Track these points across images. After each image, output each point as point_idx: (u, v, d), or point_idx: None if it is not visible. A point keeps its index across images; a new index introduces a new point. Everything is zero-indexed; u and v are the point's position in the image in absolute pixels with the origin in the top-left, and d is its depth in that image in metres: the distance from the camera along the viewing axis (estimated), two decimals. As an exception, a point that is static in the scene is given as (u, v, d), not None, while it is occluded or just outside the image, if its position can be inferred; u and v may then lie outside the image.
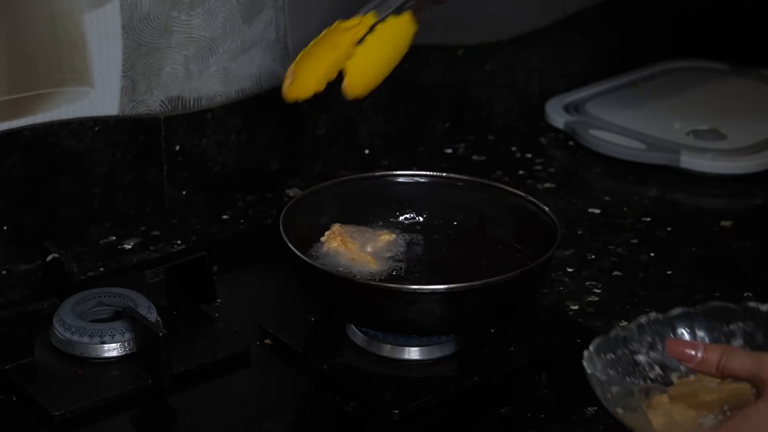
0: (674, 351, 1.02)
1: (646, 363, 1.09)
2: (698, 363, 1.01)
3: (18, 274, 1.35)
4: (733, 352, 1.00)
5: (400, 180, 1.33)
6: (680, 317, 1.11)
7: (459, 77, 1.67)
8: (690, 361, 1.01)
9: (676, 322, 1.10)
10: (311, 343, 1.15)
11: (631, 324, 1.09)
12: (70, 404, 1.12)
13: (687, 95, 1.77)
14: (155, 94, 1.43)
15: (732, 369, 0.99)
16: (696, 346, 1.01)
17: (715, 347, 1.01)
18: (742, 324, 1.10)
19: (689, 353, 1.01)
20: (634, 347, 1.08)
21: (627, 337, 1.08)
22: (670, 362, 1.09)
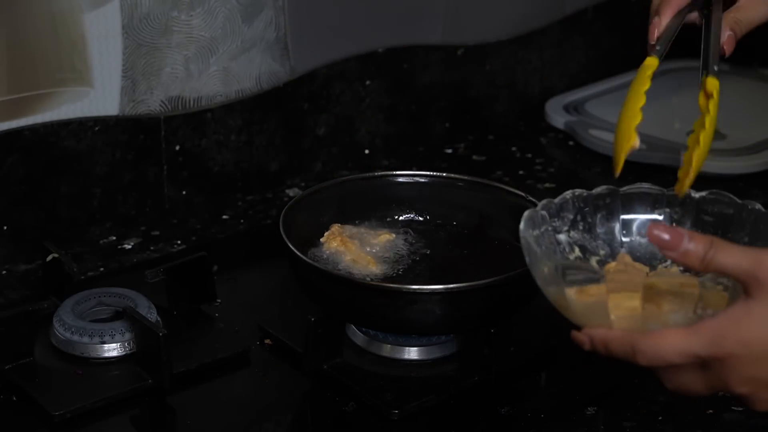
0: (656, 238, 0.90)
1: (567, 243, 1.04)
2: (682, 254, 0.89)
3: (18, 274, 1.35)
4: (722, 245, 0.89)
5: (400, 180, 1.33)
6: (606, 195, 1.06)
7: (459, 77, 1.67)
8: (673, 250, 0.89)
9: (600, 201, 1.05)
10: (311, 343, 1.15)
11: (555, 199, 1.04)
12: (70, 404, 1.12)
13: (687, 95, 1.76)
14: (155, 94, 1.43)
15: (721, 264, 0.88)
16: (680, 235, 0.89)
17: (700, 237, 0.89)
18: (669, 209, 1.07)
19: (673, 241, 0.89)
20: (557, 224, 1.03)
21: (550, 212, 1.03)
22: (591, 245, 1.05)
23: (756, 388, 0.89)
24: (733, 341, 0.87)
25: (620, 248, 1.06)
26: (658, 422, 1.12)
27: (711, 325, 0.88)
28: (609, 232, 1.07)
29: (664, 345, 0.88)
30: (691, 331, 0.88)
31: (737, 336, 0.87)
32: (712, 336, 0.87)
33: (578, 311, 0.94)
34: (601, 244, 1.06)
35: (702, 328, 0.88)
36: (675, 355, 0.88)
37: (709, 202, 1.06)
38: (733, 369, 0.88)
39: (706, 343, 0.88)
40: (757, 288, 0.87)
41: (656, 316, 0.91)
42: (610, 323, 0.92)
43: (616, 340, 0.91)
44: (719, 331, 0.87)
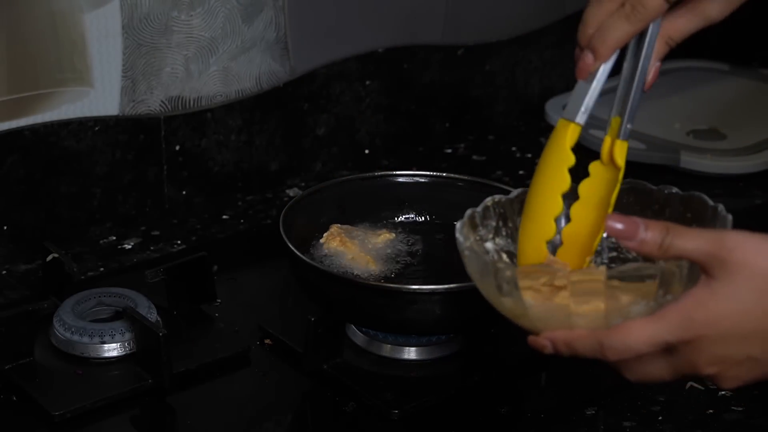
0: (611, 229, 0.89)
1: (494, 251, 1.02)
2: (639, 243, 0.89)
3: (18, 274, 1.35)
4: (679, 229, 0.89)
5: (400, 180, 1.33)
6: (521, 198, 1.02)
7: (459, 77, 1.67)
8: (630, 240, 0.89)
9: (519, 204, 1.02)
10: (311, 343, 1.15)
11: (477, 207, 1.02)
12: (70, 404, 1.12)
13: (687, 95, 1.77)
14: (155, 94, 1.43)
15: (681, 248, 0.88)
16: (636, 224, 0.89)
17: (656, 224, 0.89)
18: None
19: (629, 231, 0.89)
20: (482, 233, 1.02)
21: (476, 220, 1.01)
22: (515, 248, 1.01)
23: (724, 367, 0.88)
24: (700, 322, 0.87)
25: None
26: (658, 422, 1.12)
27: (676, 309, 0.88)
28: None
29: (632, 336, 0.88)
30: (657, 317, 0.88)
31: (704, 317, 0.87)
32: (679, 320, 0.87)
33: (536, 316, 0.92)
34: None
35: (667, 314, 0.88)
36: (644, 344, 0.88)
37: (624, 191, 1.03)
38: (701, 350, 0.88)
39: (673, 327, 0.87)
40: (720, 268, 0.87)
41: (617, 310, 0.90)
42: (571, 324, 0.90)
43: (581, 339, 0.90)
44: (685, 314, 0.87)
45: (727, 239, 0.87)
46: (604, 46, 0.97)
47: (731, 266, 0.87)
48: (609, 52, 0.97)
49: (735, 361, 0.88)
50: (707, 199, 1.00)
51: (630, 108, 1.00)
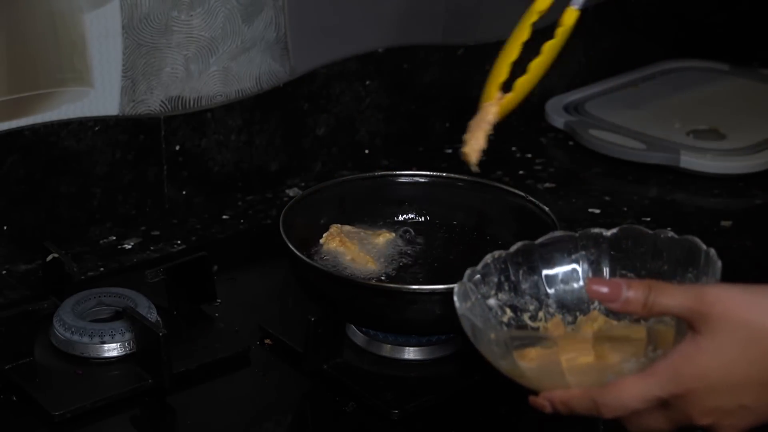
0: (595, 293, 0.92)
1: (498, 307, 1.05)
2: (623, 303, 0.91)
3: (18, 274, 1.35)
4: (661, 287, 0.91)
5: (400, 180, 1.33)
6: (522, 251, 1.07)
7: (459, 77, 1.67)
8: (614, 301, 0.91)
9: (518, 257, 1.07)
10: (311, 343, 1.15)
11: (478, 266, 1.05)
12: (70, 404, 1.12)
13: (687, 95, 1.77)
14: (155, 94, 1.43)
15: (664, 305, 0.91)
16: (618, 286, 0.91)
17: (638, 284, 0.91)
18: (584, 252, 1.08)
19: (612, 293, 0.91)
20: (484, 290, 1.05)
21: (477, 280, 1.04)
22: (519, 302, 1.06)
23: (718, 417, 0.91)
24: (690, 376, 0.90)
25: (547, 299, 1.08)
26: (658, 422, 1.12)
27: (665, 364, 0.90)
28: (533, 286, 1.08)
29: (625, 393, 0.91)
30: (648, 374, 0.91)
31: (692, 371, 0.90)
32: (669, 375, 0.90)
33: (533, 377, 0.95)
34: (528, 299, 1.08)
35: (657, 370, 0.91)
36: (637, 401, 0.91)
37: (622, 237, 1.07)
38: (694, 403, 0.90)
39: (664, 383, 0.90)
40: (703, 323, 0.89)
41: (610, 367, 0.93)
42: (566, 383, 0.94)
43: (576, 399, 0.93)
44: (674, 369, 0.90)
45: (707, 294, 0.90)
46: None
47: (713, 320, 0.89)
48: None
49: (728, 411, 0.91)
50: (700, 243, 1.03)
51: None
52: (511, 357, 0.95)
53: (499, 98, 1.11)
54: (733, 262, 1.38)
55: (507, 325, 1.05)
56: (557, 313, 1.08)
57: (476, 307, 1.02)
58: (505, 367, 0.97)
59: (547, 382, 0.95)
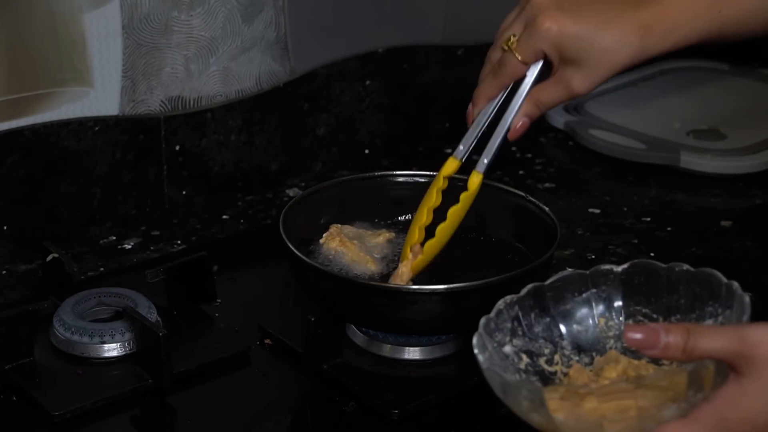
0: (633, 341, 0.89)
1: (514, 353, 1.03)
2: (663, 349, 0.88)
3: (18, 274, 1.35)
4: (700, 330, 0.89)
5: (399, 180, 1.33)
6: (532, 294, 1.05)
7: (459, 77, 1.67)
8: (653, 348, 0.89)
9: (529, 300, 1.05)
10: (311, 343, 1.15)
11: (490, 314, 1.03)
12: (70, 404, 1.12)
13: (687, 95, 1.77)
14: (155, 94, 1.43)
15: (706, 349, 0.88)
16: (656, 332, 0.88)
17: (676, 328, 0.89)
18: (595, 290, 1.06)
19: (651, 341, 0.88)
20: (499, 338, 1.03)
21: (491, 328, 1.02)
22: (534, 347, 1.04)
23: None
24: (735, 420, 0.88)
25: (561, 341, 1.06)
26: (658, 422, 1.12)
27: (709, 409, 0.88)
28: (546, 329, 1.06)
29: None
30: (692, 420, 0.88)
31: (738, 415, 0.87)
32: (714, 421, 0.88)
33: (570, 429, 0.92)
34: (543, 343, 1.05)
35: (701, 415, 0.88)
36: None
37: (633, 273, 1.06)
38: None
39: (708, 428, 0.88)
40: (746, 365, 0.87)
41: (649, 415, 0.91)
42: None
43: None
44: (719, 414, 0.88)
45: (749, 335, 0.88)
46: (479, 97, 1.17)
47: (758, 362, 0.87)
48: (483, 102, 1.17)
49: None
50: (720, 276, 1.00)
51: (489, 147, 1.17)
52: (545, 410, 0.92)
53: (412, 258, 1.17)
54: (733, 262, 1.39)
55: (524, 371, 1.03)
56: (573, 356, 1.06)
57: (494, 356, 1.00)
58: (537, 421, 0.93)
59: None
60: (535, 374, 1.03)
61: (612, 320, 1.07)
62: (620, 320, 1.06)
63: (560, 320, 1.07)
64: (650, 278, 1.05)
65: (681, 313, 1.03)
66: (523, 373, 1.03)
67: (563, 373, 1.05)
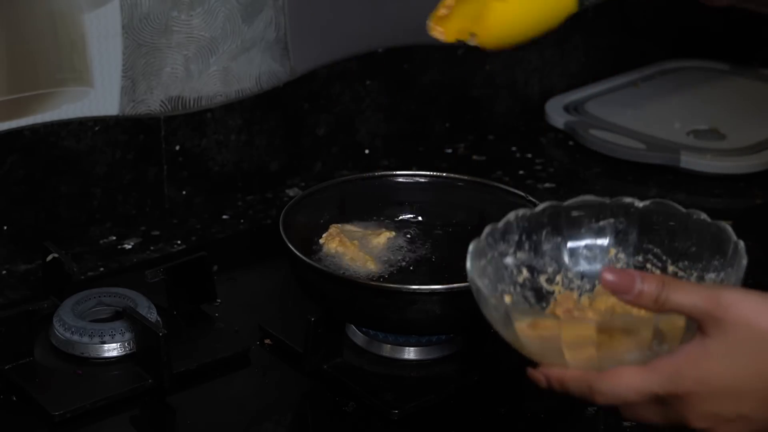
0: (608, 283, 0.89)
1: (515, 266, 1.02)
2: (635, 296, 0.89)
3: (18, 274, 1.35)
4: (676, 284, 0.89)
5: (400, 180, 1.33)
6: (549, 212, 1.04)
7: (459, 77, 1.67)
8: (627, 293, 0.89)
9: (544, 218, 1.04)
10: (311, 343, 1.15)
11: (499, 223, 1.02)
12: (70, 404, 1.12)
13: (687, 95, 1.77)
14: (155, 94, 1.43)
15: (678, 303, 0.88)
16: (632, 277, 0.89)
17: (653, 278, 0.89)
18: (613, 220, 1.05)
19: (626, 285, 0.89)
20: (502, 248, 1.02)
21: (495, 236, 1.01)
22: (538, 264, 1.03)
23: (715, 423, 0.89)
24: (690, 379, 0.87)
25: (566, 263, 1.05)
26: (658, 422, 1.12)
27: (667, 363, 0.88)
28: (555, 248, 1.05)
29: (621, 384, 0.89)
30: (648, 369, 0.88)
31: (694, 374, 0.87)
32: (669, 374, 0.88)
33: (533, 350, 0.93)
34: (548, 261, 1.05)
35: (658, 366, 0.88)
36: (632, 393, 0.89)
37: (653, 211, 1.05)
38: (691, 406, 0.88)
39: (663, 381, 0.88)
40: (714, 326, 0.87)
41: (612, 355, 0.90)
42: (566, 363, 0.91)
43: (572, 380, 0.91)
44: (676, 370, 0.88)
45: (723, 297, 0.87)
46: None
47: (726, 325, 0.87)
48: None
49: (726, 418, 0.88)
50: (731, 232, 1.00)
51: None
52: (513, 328, 0.92)
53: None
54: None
55: (522, 285, 1.02)
56: (575, 279, 1.05)
57: (491, 265, 1.00)
58: (507, 336, 0.94)
59: (547, 357, 0.92)
60: (532, 290, 1.03)
61: (621, 253, 1.06)
62: (630, 254, 1.05)
63: (571, 243, 1.05)
64: (668, 219, 1.04)
65: (689, 260, 1.02)
66: (519, 286, 1.02)
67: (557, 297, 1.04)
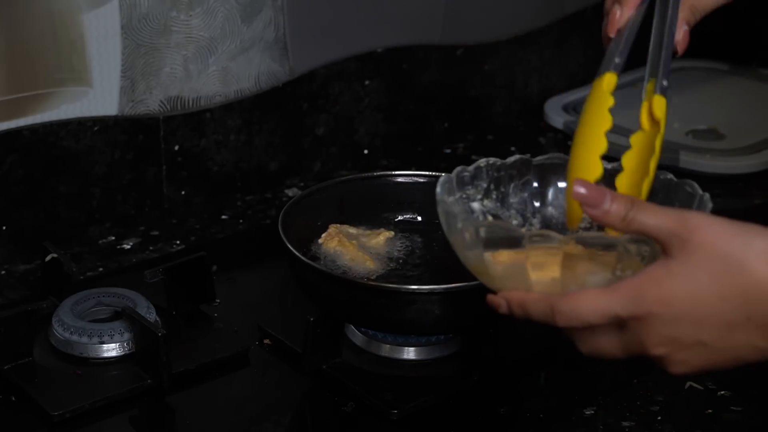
0: (578, 194, 0.89)
1: (480, 212, 1.02)
2: (603, 213, 0.88)
3: (17, 274, 1.35)
4: (644, 205, 0.88)
5: (399, 180, 1.33)
6: (519, 165, 1.04)
7: (458, 77, 1.67)
8: (595, 208, 0.88)
9: (514, 170, 1.04)
10: (310, 343, 1.15)
11: (469, 167, 1.02)
12: (69, 404, 1.12)
13: (686, 95, 1.77)
14: (154, 94, 1.43)
15: (642, 223, 0.87)
16: (603, 193, 0.88)
17: (622, 197, 0.88)
18: None
19: (594, 199, 0.88)
20: (470, 192, 1.02)
21: (464, 178, 1.01)
22: (503, 214, 1.03)
23: (672, 349, 0.87)
24: (652, 299, 0.86)
25: (532, 218, 1.05)
26: (657, 422, 1.12)
27: (630, 283, 0.87)
28: (522, 202, 1.05)
29: (583, 305, 0.88)
30: (610, 290, 0.87)
31: (657, 294, 0.86)
32: (631, 294, 0.86)
33: (496, 275, 0.92)
34: (513, 213, 1.05)
35: (621, 287, 0.87)
36: (593, 314, 0.87)
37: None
38: (651, 328, 0.87)
39: (625, 301, 0.87)
40: (679, 248, 0.86)
41: (575, 278, 0.90)
42: (528, 287, 0.91)
43: (534, 302, 0.90)
44: (638, 290, 0.86)
45: (690, 220, 0.87)
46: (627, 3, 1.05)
47: (691, 247, 0.86)
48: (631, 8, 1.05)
49: (684, 345, 0.87)
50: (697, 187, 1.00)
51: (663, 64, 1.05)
52: (479, 249, 0.91)
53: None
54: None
55: None
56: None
57: (457, 205, 0.99)
58: (471, 260, 0.93)
59: (509, 284, 0.92)
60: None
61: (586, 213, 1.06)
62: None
63: (537, 198, 1.06)
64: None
65: None
66: None
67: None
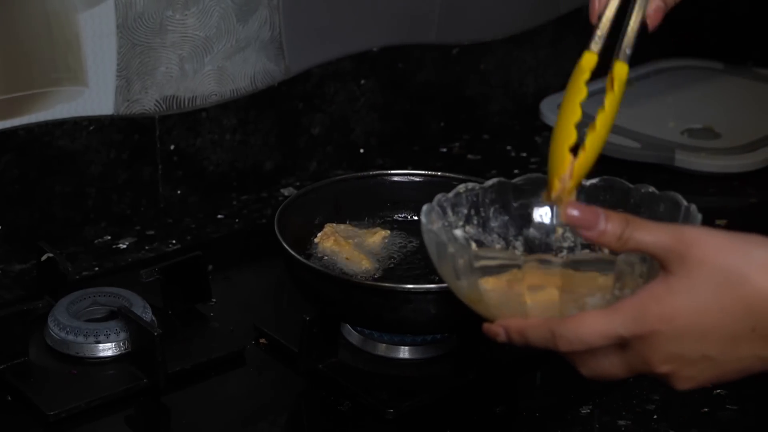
0: (571, 218, 0.87)
1: (463, 239, 1.01)
2: (598, 233, 0.86)
3: (13, 274, 1.35)
4: (639, 222, 0.86)
5: (395, 179, 1.33)
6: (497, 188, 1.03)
7: (454, 76, 1.67)
8: (590, 230, 0.86)
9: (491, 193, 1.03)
10: (306, 342, 1.15)
11: (449, 194, 1.01)
12: (65, 404, 1.12)
13: (681, 94, 1.77)
14: (150, 94, 1.43)
15: (640, 241, 0.86)
16: (597, 214, 0.87)
17: (616, 216, 0.87)
18: None
19: (590, 221, 0.86)
20: (452, 219, 1.01)
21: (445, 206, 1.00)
22: (486, 239, 1.03)
23: (678, 366, 0.86)
24: (655, 317, 0.85)
25: (514, 241, 1.04)
26: (653, 421, 1.12)
27: (631, 302, 0.86)
28: (503, 226, 1.04)
29: (585, 327, 0.86)
30: (611, 310, 0.86)
31: (659, 311, 0.85)
32: (633, 313, 0.85)
33: (492, 302, 0.91)
34: (496, 238, 1.04)
35: (622, 306, 0.86)
36: (596, 336, 0.86)
37: (600, 188, 1.03)
38: (655, 347, 0.85)
39: (627, 321, 0.85)
40: (677, 263, 0.85)
41: (573, 301, 0.88)
42: (525, 313, 0.89)
43: (533, 328, 0.88)
44: (640, 308, 0.85)
45: (687, 234, 0.86)
46: None
47: (689, 262, 0.85)
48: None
49: (690, 360, 0.86)
50: (681, 198, 0.99)
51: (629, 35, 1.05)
52: (474, 277, 0.90)
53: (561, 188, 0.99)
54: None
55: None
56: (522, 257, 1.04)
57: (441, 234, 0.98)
58: (464, 289, 0.92)
59: (505, 310, 0.90)
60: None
61: (568, 233, 1.05)
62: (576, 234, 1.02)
63: (518, 221, 1.04)
64: (615, 196, 1.03)
65: None
66: None
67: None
